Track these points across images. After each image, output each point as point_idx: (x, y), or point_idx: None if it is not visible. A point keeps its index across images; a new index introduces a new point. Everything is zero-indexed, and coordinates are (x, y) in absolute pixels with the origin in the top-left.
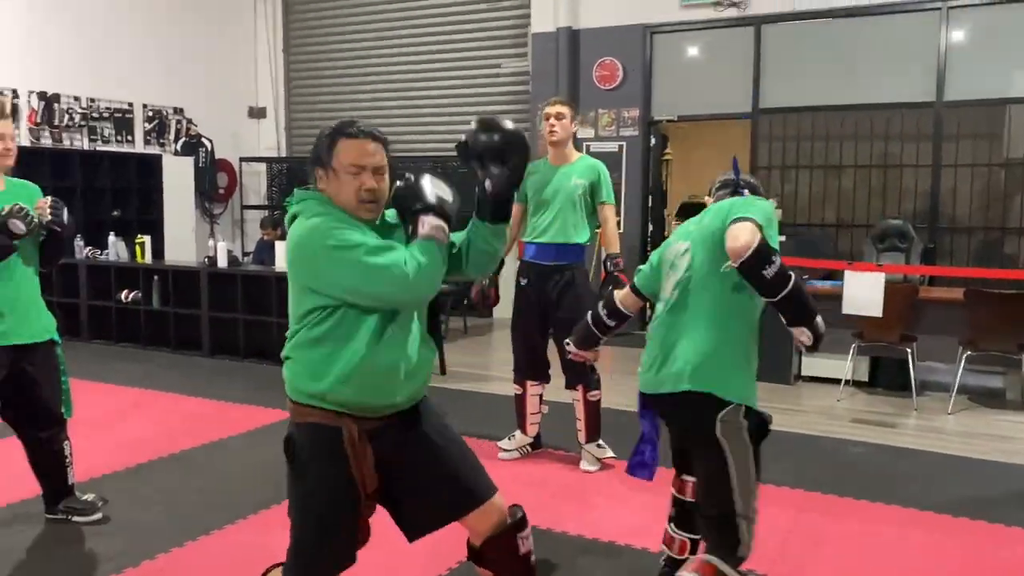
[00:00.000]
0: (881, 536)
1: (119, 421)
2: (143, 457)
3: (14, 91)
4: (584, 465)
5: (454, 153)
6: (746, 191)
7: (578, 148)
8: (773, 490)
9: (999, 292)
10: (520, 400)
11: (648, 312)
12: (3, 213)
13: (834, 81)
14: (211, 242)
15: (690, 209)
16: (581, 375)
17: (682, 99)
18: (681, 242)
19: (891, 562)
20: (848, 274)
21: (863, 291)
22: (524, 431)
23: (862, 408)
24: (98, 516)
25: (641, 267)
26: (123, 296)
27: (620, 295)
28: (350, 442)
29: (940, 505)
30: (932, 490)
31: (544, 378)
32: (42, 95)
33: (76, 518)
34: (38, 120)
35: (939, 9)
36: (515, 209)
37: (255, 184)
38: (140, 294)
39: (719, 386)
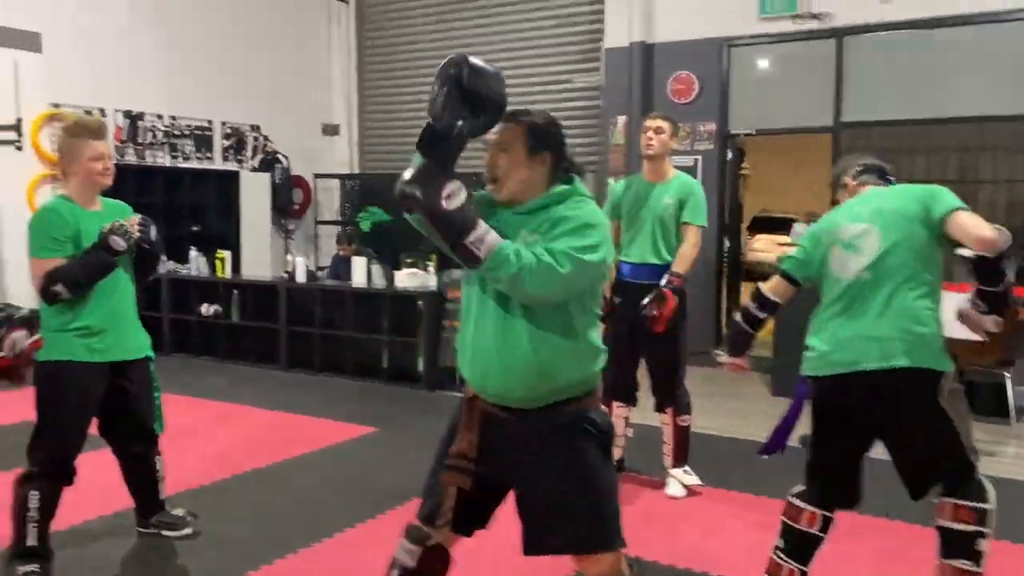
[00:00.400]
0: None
1: (204, 434)
2: (229, 471)
3: (102, 110)
4: (670, 491)
5: None
6: (892, 179)
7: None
8: (858, 518)
9: None
10: None
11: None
12: (104, 231)
13: (920, 93)
14: (289, 257)
15: (763, 223)
16: (672, 398)
17: (760, 112)
18: (855, 224)
19: None
20: (946, 294)
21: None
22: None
23: None
24: (188, 531)
25: (791, 254)
26: (203, 310)
27: (770, 284)
28: (464, 404)
29: None
30: None
31: (631, 400)
32: (127, 114)
33: (167, 532)
34: (123, 138)
35: None
36: (611, 226)
37: (328, 200)
38: (220, 308)
39: (936, 360)
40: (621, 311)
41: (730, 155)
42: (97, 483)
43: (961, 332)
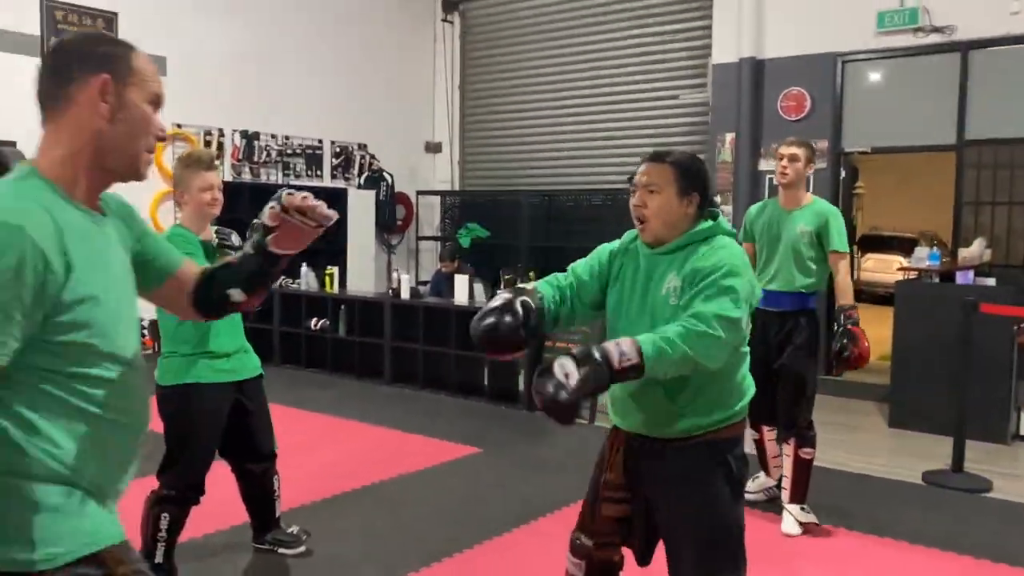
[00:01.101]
0: None
1: (313, 449)
2: (337, 488)
3: (220, 131)
4: (786, 528)
5: (627, 185)
6: None
7: (759, 181)
8: (1005, 569)
9: None
10: (759, 445)
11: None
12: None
13: None
14: (395, 274)
15: (872, 241)
16: (795, 428)
17: (875, 130)
18: None
19: None
20: None
21: None
22: (768, 473)
23: None
24: (302, 549)
25: None
26: (312, 324)
27: None
28: (611, 432)
29: None
30: None
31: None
32: (244, 133)
33: (282, 550)
34: (240, 157)
35: None
36: (746, 248)
37: (429, 216)
38: (327, 322)
39: None
40: (755, 337)
41: (843, 174)
42: (215, 497)
43: None
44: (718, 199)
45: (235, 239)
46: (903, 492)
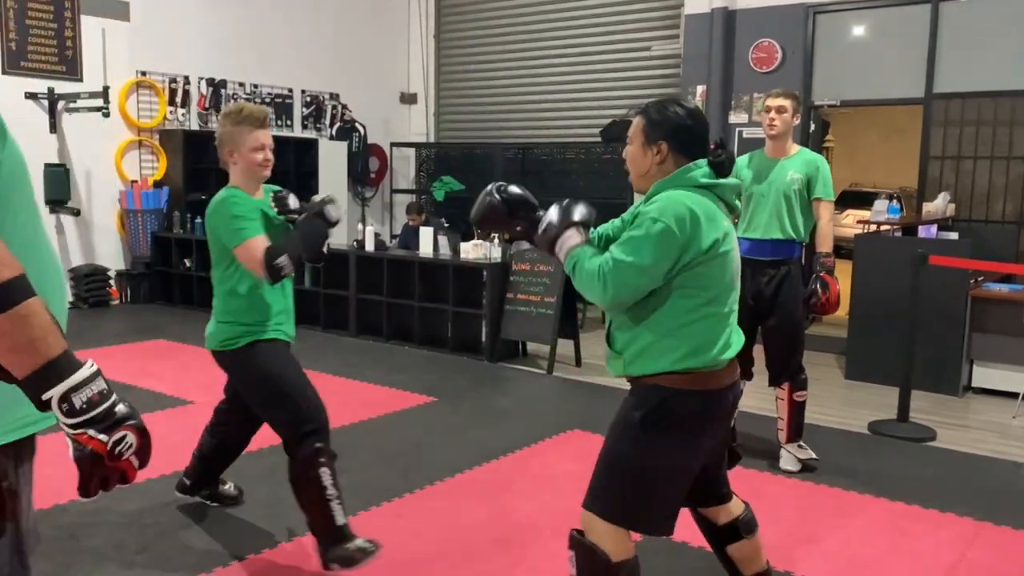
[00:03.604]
0: None
1: None
2: None
3: (186, 78)
4: (784, 464)
5: (599, 139)
6: None
7: (729, 133)
8: (937, 515)
9: None
10: None
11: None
12: (318, 202)
13: (1020, 64)
14: (360, 226)
15: (854, 197)
16: (789, 373)
17: (846, 83)
18: None
19: None
20: None
21: None
22: None
23: None
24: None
25: None
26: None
27: None
28: None
29: None
30: None
31: (746, 375)
32: (210, 81)
33: (214, 503)
34: (207, 105)
35: None
36: None
37: (404, 169)
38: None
39: None
40: (742, 288)
41: (813, 127)
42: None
43: None
44: (716, 143)
45: (292, 201)
46: (848, 441)
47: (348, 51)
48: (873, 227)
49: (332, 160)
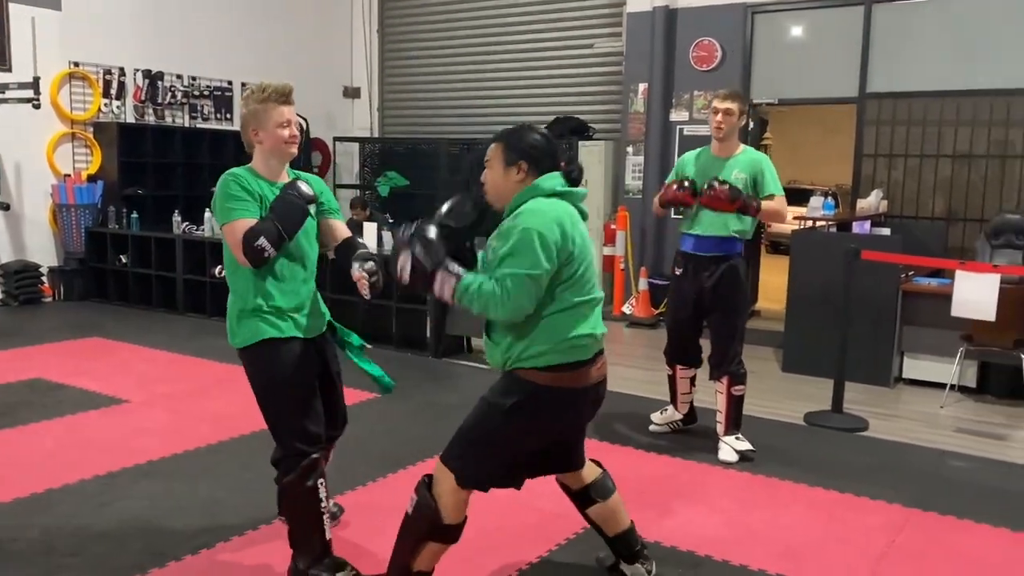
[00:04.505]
0: (986, 561)
1: (207, 395)
2: (225, 434)
3: (121, 69)
4: (723, 456)
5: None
6: None
7: (670, 131)
8: (867, 503)
9: None
10: (672, 380)
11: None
12: (291, 179)
13: (949, 65)
14: None
15: (793, 195)
16: (728, 367)
17: (783, 82)
18: None
19: None
20: (960, 274)
21: (975, 292)
22: (676, 408)
23: (969, 416)
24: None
25: None
26: (217, 271)
27: None
28: None
29: None
30: None
31: (695, 363)
32: (147, 73)
33: None
34: (143, 98)
35: None
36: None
37: (348, 163)
38: (223, 268)
39: None
40: (685, 283)
41: (752, 125)
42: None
43: (975, 312)
44: (567, 161)
45: (304, 188)
46: (785, 432)
47: (290, 43)
48: (809, 223)
49: None
